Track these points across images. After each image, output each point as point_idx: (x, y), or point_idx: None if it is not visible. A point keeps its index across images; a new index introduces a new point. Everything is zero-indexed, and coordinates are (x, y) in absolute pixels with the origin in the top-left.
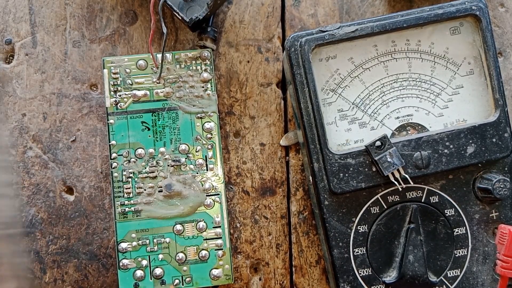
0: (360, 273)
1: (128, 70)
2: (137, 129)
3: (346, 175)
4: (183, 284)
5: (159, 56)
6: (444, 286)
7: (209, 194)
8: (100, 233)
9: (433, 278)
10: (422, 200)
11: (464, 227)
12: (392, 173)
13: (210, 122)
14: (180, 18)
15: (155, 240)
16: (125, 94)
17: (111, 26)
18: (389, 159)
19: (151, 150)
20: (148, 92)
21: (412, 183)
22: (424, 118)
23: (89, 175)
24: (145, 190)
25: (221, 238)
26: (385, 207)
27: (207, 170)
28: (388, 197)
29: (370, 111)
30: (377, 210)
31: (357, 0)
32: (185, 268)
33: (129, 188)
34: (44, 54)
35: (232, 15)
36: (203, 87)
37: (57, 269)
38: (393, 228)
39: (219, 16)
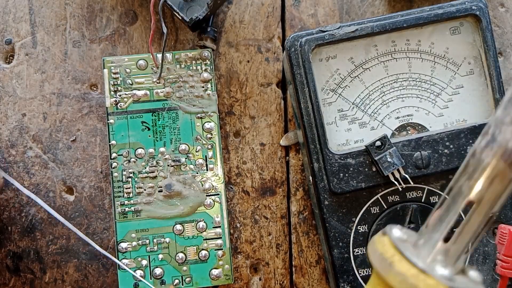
0: (360, 273)
1: (128, 70)
2: (137, 129)
3: (346, 175)
4: (183, 284)
5: (159, 56)
6: None
7: (209, 194)
8: (100, 233)
9: None
10: (422, 200)
11: None
12: (392, 173)
13: (210, 122)
14: (180, 18)
15: (155, 240)
16: (125, 94)
17: (111, 26)
18: (389, 159)
19: (151, 150)
20: (148, 92)
21: (412, 183)
22: (424, 118)
23: (89, 175)
24: (145, 190)
25: (221, 238)
26: (385, 207)
27: (207, 170)
28: (388, 197)
29: (370, 111)
30: (377, 210)
31: (357, 0)
32: (185, 268)
33: (129, 188)
34: (44, 54)
35: (232, 15)
36: (203, 87)
37: (57, 269)
38: None
39: (219, 16)
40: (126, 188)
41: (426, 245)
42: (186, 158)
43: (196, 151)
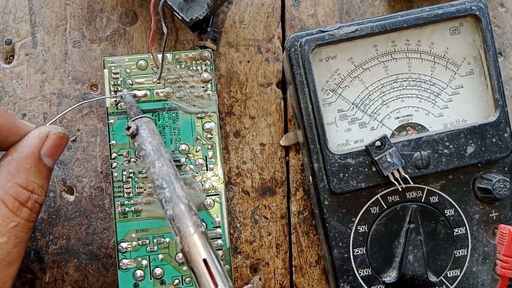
0: (360, 273)
1: (128, 70)
2: None
3: (346, 175)
4: (183, 284)
5: (160, 56)
6: (444, 286)
7: (209, 194)
8: (100, 233)
9: (433, 278)
10: (422, 200)
11: (464, 227)
12: (392, 173)
13: (210, 122)
14: (180, 18)
15: (155, 240)
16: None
17: (111, 26)
18: (389, 159)
19: None
20: (148, 92)
21: (412, 183)
22: (424, 118)
23: (89, 175)
24: (145, 190)
25: (221, 238)
26: (385, 207)
27: (207, 170)
28: (388, 197)
29: (370, 111)
30: (377, 210)
31: (357, 0)
32: (185, 268)
33: (129, 188)
34: (44, 54)
35: (232, 15)
36: (203, 87)
37: (57, 269)
38: (393, 228)
39: (219, 16)
40: (126, 188)
41: None
42: (186, 158)
43: (196, 151)
